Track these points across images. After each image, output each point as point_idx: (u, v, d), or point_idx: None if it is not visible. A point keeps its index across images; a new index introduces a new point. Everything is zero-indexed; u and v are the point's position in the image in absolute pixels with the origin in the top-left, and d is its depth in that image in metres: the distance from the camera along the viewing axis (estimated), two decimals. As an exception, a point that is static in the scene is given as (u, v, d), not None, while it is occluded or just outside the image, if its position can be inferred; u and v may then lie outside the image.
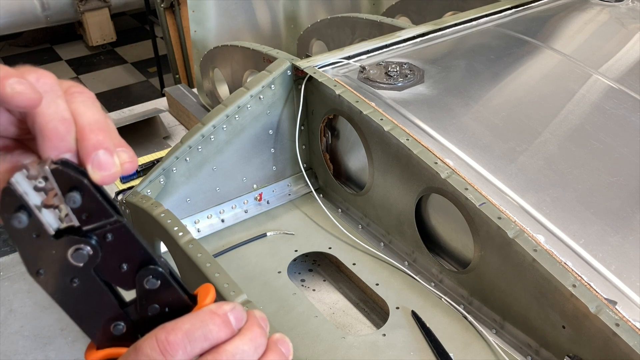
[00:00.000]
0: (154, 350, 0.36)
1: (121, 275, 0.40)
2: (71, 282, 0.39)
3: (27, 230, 0.37)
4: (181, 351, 0.36)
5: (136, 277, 0.40)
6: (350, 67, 1.20)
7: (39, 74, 0.37)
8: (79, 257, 0.38)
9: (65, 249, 0.38)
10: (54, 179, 0.36)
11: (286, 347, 0.41)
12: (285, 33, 2.13)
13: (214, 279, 0.82)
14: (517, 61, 1.27)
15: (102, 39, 4.22)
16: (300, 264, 1.17)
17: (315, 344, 0.93)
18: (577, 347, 0.79)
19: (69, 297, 0.39)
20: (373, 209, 1.13)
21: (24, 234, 0.37)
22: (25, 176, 0.36)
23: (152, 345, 0.37)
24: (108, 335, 0.41)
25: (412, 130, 1.01)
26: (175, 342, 0.36)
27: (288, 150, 1.24)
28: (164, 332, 0.37)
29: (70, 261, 0.38)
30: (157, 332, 0.37)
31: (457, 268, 1.00)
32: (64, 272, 0.39)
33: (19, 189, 0.36)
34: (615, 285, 0.81)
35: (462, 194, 0.89)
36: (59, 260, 0.38)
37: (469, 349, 0.91)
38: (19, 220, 0.36)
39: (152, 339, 0.37)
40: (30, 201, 0.37)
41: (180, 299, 0.42)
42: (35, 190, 0.36)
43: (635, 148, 1.03)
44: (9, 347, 1.98)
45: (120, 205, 1.11)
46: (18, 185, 0.36)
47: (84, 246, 0.38)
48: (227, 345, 0.38)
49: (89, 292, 0.40)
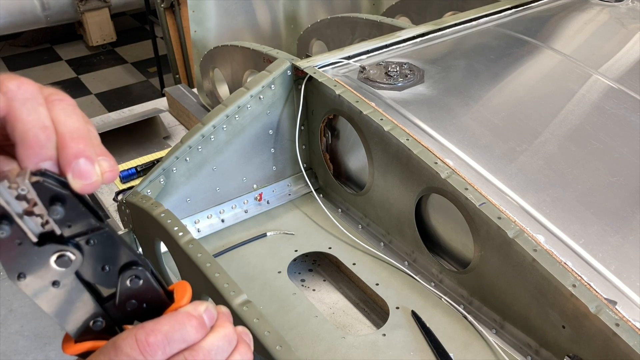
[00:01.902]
0: (133, 350, 0.38)
1: (103, 276, 0.41)
2: (53, 284, 0.40)
3: (9, 238, 0.37)
4: (160, 352, 0.38)
5: (120, 277, 0.41)
6: (350, 67, 1.20)
7: (20, 82, 0.37)
8: (62, 263, 0.39)
9: (48, 256, 0.39)
10: (35, 192, 0.37)
11: (249, 338, 0.44)
12: (285, 33, 2.13)
13: (214, 279, 0.82)
14: (517, 61, 1.27)
15: (102, 39, 4.22)
16: (300, 264, 1.17)
17: (315, 344, 0.93)
18: (577, 347, 0.79)
19: (50, 298, 0.40)
20: (373, 209, 1.13)
21: (7, 242, 0.37)
22: (7, 186, 0.36)
23: (132, 344, 0.38)
24: (87, 330, 0.42)
25: (412, 130, 1.01)
26: (155, 343, 0.38)
27: (288, 150, 1.24)
28: (143, 333, 0.38)
29: (53, 266, 0.39)
30: (136, 332, 0.38)
31: (457, 268, 1.00)
32: (46, 276, 0.39)
33: (1, 199, 0.36)
34: (615, 285, 0.81)
35: (462, 194, 0.89)
36: (42, 266, 0.39)
37: (469, 348, 0.91)
38: (2, 230, 0.37)
39: (131, 339, 0.38)
40: (12, 210, 0.37)
41: (158, 297, 0.43)
42: (17, 199, 0.37)
43: (635, 148, 1.03)
44: (9, 347, 1.98)
45: (120, 206, 1.11)
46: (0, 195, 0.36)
47: (67, 252, 0.39)
48: (202, 342, 0.40)
49: (70, 293, 0.41)
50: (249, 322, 0.76)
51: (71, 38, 4.47)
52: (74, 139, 0.38)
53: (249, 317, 0.76)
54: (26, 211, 0.37)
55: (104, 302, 0.42)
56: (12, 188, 0.36)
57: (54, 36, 4.46)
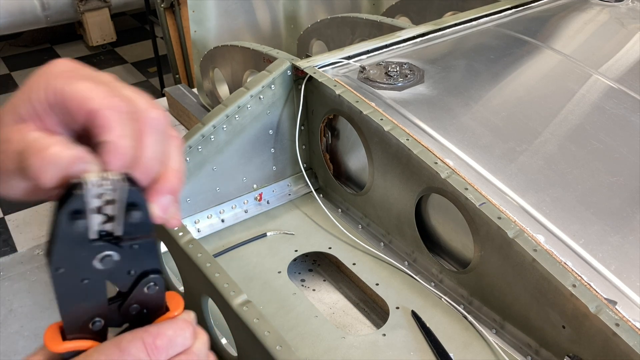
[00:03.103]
0: (140, 352, 0.40)
1: (125, 278, 0.42)
2: (82, 281, 0.40)
3: (74, 230, 0.38)
4: (164, 354, 0.41)
5: (140, 282, 0.42)
6: (350, 67, 1.20)
7: (151, 106, 0.41)
8: (105, 263, 0.40)
9: (95, 253, 0.40)
10: (124, 195, 0.38)
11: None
12: (285, 33, 2.13)
13: (214, 279, 0.82)
14: (517, 61, 1.27)
15: (102, 39, 4.21)
16: (300, 264, 1.17)
17: (316, 344, 0.93)
18: (577, 347, 0.79)
19: (72, 292, 0.40)
20: (373, 209, 1.13)
21: (70, 233, 0.38)
22: (97, 183, 0.38)
23: (140, 347, 0.40)
24: (82, 329, 0.41)
25: (412, 130, 1.01)
26: (162, 346, 0.41)
27: (288, 150, 1.24)
28: (150, 336, 0.41)
29: (93, 264, 0.40)
30: (142, 335, 0.41)
31: (457, 268, 1.00)
32: (82, 272, 0.40)
33: (88, 194, 0.37)
34: (615, 285, 0.81)
35: (462, 194, 0.89)
36: (84, 261, 0.40)
37: (469, 348, 0.91)
38: (75, 223, 0.38)
39: (138, 341, 0.40)
40: (90, 206, 0.38)
41: (161, 304, 0.44)
42: (97, 197, 0.38)
43: (635, 148, 1.03)
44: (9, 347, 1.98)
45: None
46: (88, 189, 0.37)
47: (113, 254, 0.40)
48: (193, 347, 0.44)
49: (92, 290, 0.41)
50: (249, 322, 0.76)
51: (71, 38, 4.47)
52: (175, 177, 0.43)
53: (249, 317, 0.76)
54: (99, 210, 0.38)
55: (109, 302, 0.42)
56: (99, 185, 0.38)
57: (54, 36, 4.46)
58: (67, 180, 0.38)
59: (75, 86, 0.40)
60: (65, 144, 0.39)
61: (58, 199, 0.39)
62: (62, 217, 0.38)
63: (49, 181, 0.38)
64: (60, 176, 0.38)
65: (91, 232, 0.39)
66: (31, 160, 0.38)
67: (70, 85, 0.40)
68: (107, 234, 0.39)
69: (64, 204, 0.38)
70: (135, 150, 0.40)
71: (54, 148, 0.39)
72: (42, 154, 0.38)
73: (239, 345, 0.84)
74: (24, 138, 0.40)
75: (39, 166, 0.38)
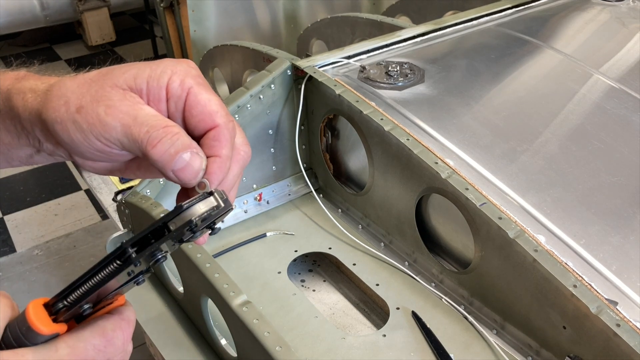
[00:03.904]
0: (120, 341, 0.42)
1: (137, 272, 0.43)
2: (128, 273, 0.41)
3: (179, 233, 0.41)
4: (129, 345, 0.44)
5: (138, 276, 0.42)
6: (350, 67, 1.20)
7: (249, 150, 0.49)
8: (159, 261, 0.42)
9: (160, 253, 0.42)
10: (220, 214, 0.42)
11: None
12: (285, 33, 2.12)
13: (214, 280, 0.82)
14: (517, 61, 1.27)
15: (101, 39, 4.21)
16: (300, 264, 1.17)
17: (316, 345, 0.92)
18: (577, 347, 0.79)
19: (115, 281, 0.41)
20: (373, 209, 1.13)
21: (173, 239, 0.41)
22: (213, 204, 0.42)
23: (120, 336, 0.42)
24: (71, 311, 0.40)
25: (412, 130, 1.01)
26: (130, 336, 0.44)
27: (288, 150, 1.24)
28: (129, 327, 0.43)
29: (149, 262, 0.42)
30: (121, 324, 0.42)
31: (457, 268, 0.99)
32: (145, 267, 0.42)
33: (198, 212, 0.41)
34: (616, 286, 0.81)
35: (463, 194, 0.89)
36: (148, 257, 0.41)
37: (469, 349, 0.90)
38: (185, 235, 0.41)
39: (119, 331, 0.42)
40: (204, 217, 0.42)
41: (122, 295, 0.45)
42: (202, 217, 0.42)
43: (636, 148, 1.03)
44: (8, 347, 1.98)
45: (119, 206, 1.11)
46: (218, 207, 0.42)
47: (165, 256, 0.42)
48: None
49: (119, 281, 0.41)
50: (248, 323, 0.75)
51: (70, 38, 4.47)
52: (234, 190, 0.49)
53: (249, 317, 0.76)
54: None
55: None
56: (218, 204, 0.42)
57: (53, 36, 4.45)
58: (178, 177, 0.43)
59: (208, 95, 0.45)
60: (184, 131, 0.43)
61: (179, 196, 0.44)
62: (187, 220, 0.40)
63: (160, 155, 0.42)
64: (172, 155, 0.42)
65: (185, 238, 0.42)
66: (152, 130, 0.42)
67: (204, 92, 0.45)
68: (180, 240, 0.42)
69: (189, 209, 0.41)
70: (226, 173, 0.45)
71: (177, 128, 0.43)
72: (168, 129, 0.42)
73: (239, 345, 0.84)
74: (139, 108, 0.43)
75: (159, 137, 0.42)
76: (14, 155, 0.49)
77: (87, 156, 0.45)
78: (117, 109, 0.42)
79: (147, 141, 0.42)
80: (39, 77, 0.47)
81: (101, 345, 0.40)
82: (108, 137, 0.43)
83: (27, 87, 0.45)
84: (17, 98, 0.45)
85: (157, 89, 0.44)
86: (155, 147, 0.42)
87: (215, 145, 0.44)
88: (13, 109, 0.45)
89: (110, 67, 0.45)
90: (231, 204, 0.43)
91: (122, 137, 0.42)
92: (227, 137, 0.45)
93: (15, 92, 0.46)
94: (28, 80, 0.46)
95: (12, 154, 0.49)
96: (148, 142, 0.42)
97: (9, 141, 0.47)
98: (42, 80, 0.46)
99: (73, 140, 0.43)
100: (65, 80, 0.45)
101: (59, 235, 2.54)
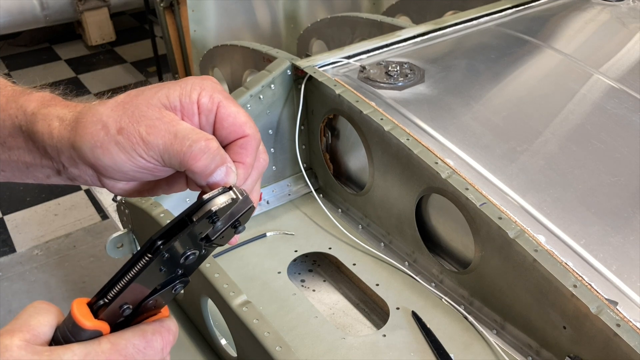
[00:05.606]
0: (160, 345, 0.44)
1: (174, 276, 0.44)
2: (160, 270, 0.42)
3: (201, 228, 0.43)
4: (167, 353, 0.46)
5: (175, 281, 0.44)
6: (350, 67, 1.20)
7: (267, 158, 0.52)
8: (187, 260, 0.44)
9: (189, 250, 0.43)
10: (242, 211, 0.45)
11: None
12: (285, 33, 2.12)
13: (214, 280, 0.82)
14: (517, 61, 1.27)
15: (101, 39, 4.21)
16: (300, 264, 1.17)
17: (316, 345, 0.92)
18: (577, 347, 0.79)
19: (146, 277, 0.42)
20: (373, 209, 1.13)
21: (198, 229, 0.43)
22: (242, 197, 0.45)
23: (159, 340, 0.44)
24: (116, 312, 0.42)
25: (412, 130, 1.01)
26: (171, 344, 0.46)
27: (288, 150, 1.24)
28: (170, 334, 0.45)
29: (179, 258, 0.43)
30: (161, 330, 0.44)
31: (457, 268, 0.99)
32: (169, 263, 0.43)
33: (217, 203, 0.44)
34: (616, 286, 0.81)
35: (463, 194, 0.89)
36: (178, 254, 0.43)
37: (469, 349, 0.90)
38: (204, 222, 0.43)
39: (159, 336, 0.44)
40: (226, 212, 0.44)
41: (163, 305, 0.46)
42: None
43: (636, 148, 1.03)
44: (8, 347, 1.98)
45: (119, 206, 1.11)
46: (238, 200, 0.45)
47: (195, 254, 0.44)
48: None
49: (154, 280, 0.43)
50: (248, 323, 0.75)
51: (70, 37, 4.47)
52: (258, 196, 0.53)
53: (249, 317, 0.76)
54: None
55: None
56: (238, 198, 0.45)
57: (53, 36, 4.45)
58: (208, 178, 0.46)
59: (236, 108, 0.49)
60: (220, 145, 0.47)
61: (200, 196, 0.46)
62: (206, 213, 0.43)
63: (202, 169, 0.45)
64: (212, 170, 0.46)
65: (210, 233, 0.44)
66: (194, 144, 0.45)
67: (232, 105, 0.49)
68: (206, 237, 0.44)
69: (210, 202, 0.44)
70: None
71: (215, 142, 0.46)
72: (209, 144, 0.45)
73: (239, 345, 0.84)
74: (177, 123, 0.46)
75: (202, 150, 0.45)
76: (32, 174, 0.51)
77: (128, 176, 0.48)
78: (157, 127, 0.45)
79: (189, 155, 0.45)
80: (65, 103, 0.49)
81: (141, 345, 0.42)
82: (152, 154, 0.45)
83: (54, 115, 0.47)
84: (43, 124, 0.47)
85: (190, 105, 0.47)
86: (199, 161, 0.45)
87: (242, 153, 0.48)
88: (37, 134, 0.47)
89: (139, 89, 0.48)
90: (251, 201, 0.46)
91: (164, 152, 0.45)
92: (254, 147, 0.49)
93: (41, 118, 0.47)
94: (55, 107, 0.48)
95: (30, 173, 0.51)
96: (191, 156, 0.45)
97: (29, 161, 0.50)
98: (70, 109, 0.48)
99: (116, 162, 0.45)
100: (95, 107, 0.47)
101: (58, 235, 2.54)
